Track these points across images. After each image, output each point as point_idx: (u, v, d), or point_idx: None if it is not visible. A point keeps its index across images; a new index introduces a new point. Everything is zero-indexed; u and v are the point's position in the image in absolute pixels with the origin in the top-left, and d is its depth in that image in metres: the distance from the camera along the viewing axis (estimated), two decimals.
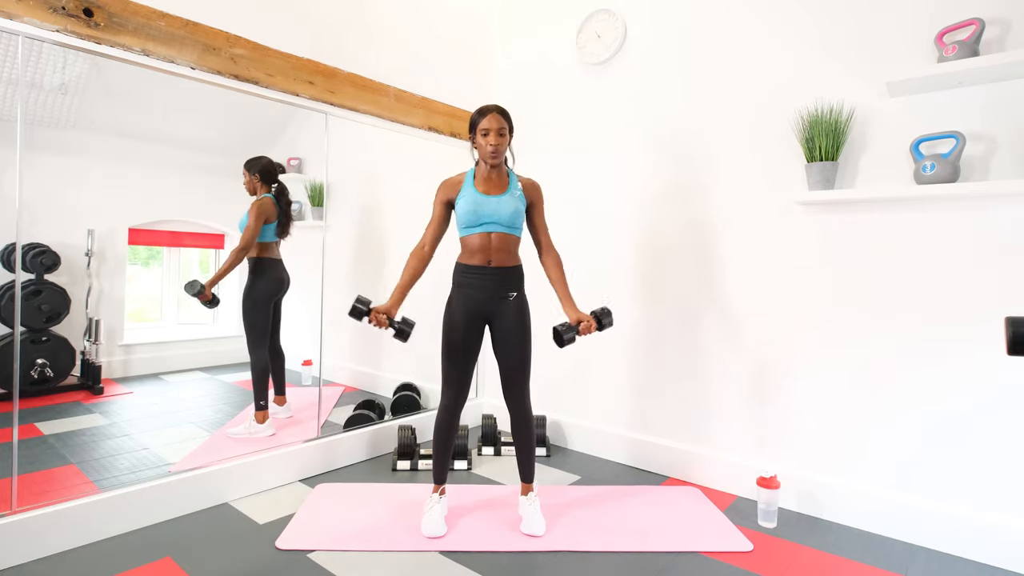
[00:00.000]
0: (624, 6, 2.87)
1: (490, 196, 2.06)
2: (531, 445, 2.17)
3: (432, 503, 2.12)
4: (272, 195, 2.61)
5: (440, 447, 2.15)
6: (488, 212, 2.04)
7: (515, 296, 2.12)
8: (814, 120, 2.19)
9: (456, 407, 2.14)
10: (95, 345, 2.30)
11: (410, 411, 3.11)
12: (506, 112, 2.07)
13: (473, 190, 2.07)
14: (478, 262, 2.07)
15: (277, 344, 2.74)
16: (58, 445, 2.15)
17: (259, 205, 2.56)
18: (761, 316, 2.44)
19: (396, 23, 2.94)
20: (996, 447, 1.94)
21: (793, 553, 1.99)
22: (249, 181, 2.58)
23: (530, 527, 2.08)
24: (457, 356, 2.09)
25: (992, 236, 1.94)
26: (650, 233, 2.78)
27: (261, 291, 2.62)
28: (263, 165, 2.60)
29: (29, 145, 1.94)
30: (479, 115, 2.05)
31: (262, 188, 2.60)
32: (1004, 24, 1.92)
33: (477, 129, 2.05)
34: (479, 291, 2.07)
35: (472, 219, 2.04)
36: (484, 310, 2.09)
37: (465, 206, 2.05)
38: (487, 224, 2.05)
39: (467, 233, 2.08)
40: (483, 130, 2.03)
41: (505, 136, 2.05)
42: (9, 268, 1.91)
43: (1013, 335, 1.09)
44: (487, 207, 2.04)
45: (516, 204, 2.08)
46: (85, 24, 1.90)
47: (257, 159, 2.60)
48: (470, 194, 2.06)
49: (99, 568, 1.80)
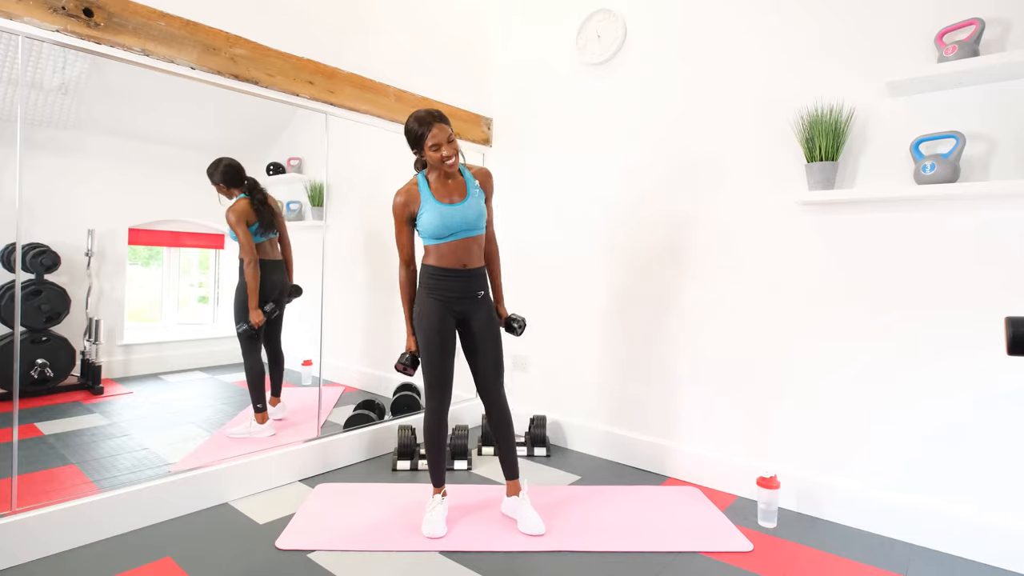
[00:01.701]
0: (624, 6, 2.87)
1: (454, 205, 2.02)
2: (514, 441, 2.20)
3: (434, 504, 2.12)
4: (245, 195, 2.50)
5: (435, 451, 2.14)
6: (456, 222, 2.01)
7: (483, 295, 2.13)
8: (814, 120, 2.19)
9: (443, 410, 2.12)
10: (95, 345, 2.30)
11: (410, 411, 3.11)
12: (444, 116, 1.98)
13: (434, 202, 2.01)
14: (451, 264, 2.04)
15: (277, 348, 2.69)
16: (58, 445, 2.15)
17: (234, 211, 2.45)
18: (761, 316, 2.44)
19: (396, 23, 2.94)
20: (996, 447, 1.94)
21: (793, 553, 1.99)
22: (218, 189, 2.46)
23: (530, 527, 2.07)
24: (440, 359, 2.07)
25: (992, 236, 1.94)
26: (650, 233, 2.78)
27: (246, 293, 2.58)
28: (221, 169, 2.44)
29: (29, 145, 1.94)
30: (420, 127, 1.94)
31: (232, 192, 2.48)
32: (1004, 24, 1.92)
33: (424, 144, 1.95)
34: (453, 292, 2.06)
35: (440, 231, 2.00)
36: (458, 311, 2.09)
37: (431, 220, 1.99)
38: (457, 233, 2.02)
39: (436, 242, 2.04)
40: (433, 144, 1.94)
41: (455, 141, 1.97)
42: (9, 268, 1.91)
43: (1013, 335, 1.09)
44: (454, 218, 2.01)
45: (479, 205, 2.07)
46: (85, 24, 1.90)
47: (215, 163, 2.43)
48: (433, 207, 2.00)
49: (99, 568, 1.80)
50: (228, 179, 2.47)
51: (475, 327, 2.12)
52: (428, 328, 2.05)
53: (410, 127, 1.98)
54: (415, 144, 2.00)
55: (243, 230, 2.47)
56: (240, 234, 2.47)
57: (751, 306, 2.47)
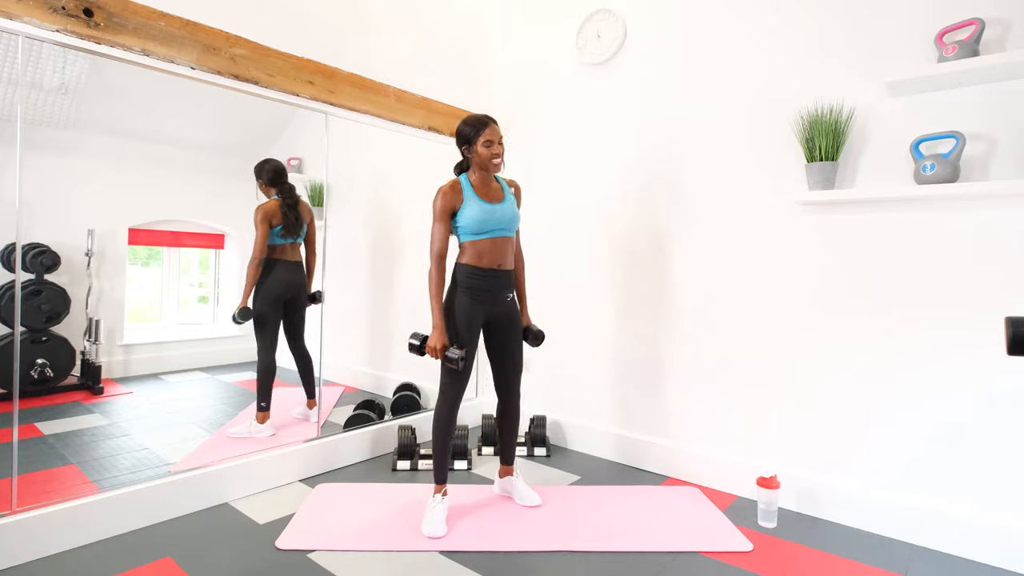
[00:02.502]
0: (624, 6, 2.87)
1: (494, 204, 2.14)
2: (517, 431, 2.39)
3: (434, 503, 2.13)
4: (278, 196, 2.60)
5: (444, 447, 2.19)
6: (496, 220, 2.13)
7: (512, 297, 2.25)
8: (814, 120, 2.19)
9: (458, 406, 2.19)
10: (95, 345, 2.30)
11: (410, 411, 3.11)
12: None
13: (477, 198, 2.12)
14: (487, 264, 2.14)
15: (301, 347, 2.74)
16: (58, 445, 2.15)
17: (261, 210, 2.55)
18: (761, 316, 2.44)
19: (396, 23, 2.94)
20: (996, 447, 1.94)
21: (793, 553, 1.99)
22: (259, 185, 2.59)
23: (527, 498, 2.29)
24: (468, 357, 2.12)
25: (992, 236, 1.94)
26: (649, 232, 2.78)
27: (265, 292, 2.59)
28: (268, 169, 2.59)
29: (29, 145, 1.94)
30: (480, 126, 2.10)
31: (270, 191, 2.60)
32: (1004, 24, 1.92)
33: (478, 140, 2.10)
34: (486, 292, 2.15)
35: (481, 227, 2.11)
36: (488, 310, 2.17)
37: (473, 216, 2.10)
38: (495, 231, 2.14)
39: (474, 239, 2.13)
40: (487, 141, 2.09)
41: (503, 144, 2.14)
42: (9, 268, 1.91)
43: (1013, 335, 1.09)
44: (494, 215, 2.13)
45: (515, 208, 2.22)
46: (85, 24, 1.90)
47: (262, 163, 2.59)
48: (475, 203, 2.11)
49: (99, 568, 1.80)
50: (271, 179, 2.59)
51: (503, 327, 2.24)
52: (459, 325, 2.12)
53: (469, 122, 2.12)
54: (468, 140, 2.12)
55: (262, 229, 2.55)
56: (257, 232, 2.54)
57: (751, 306, 2.47)
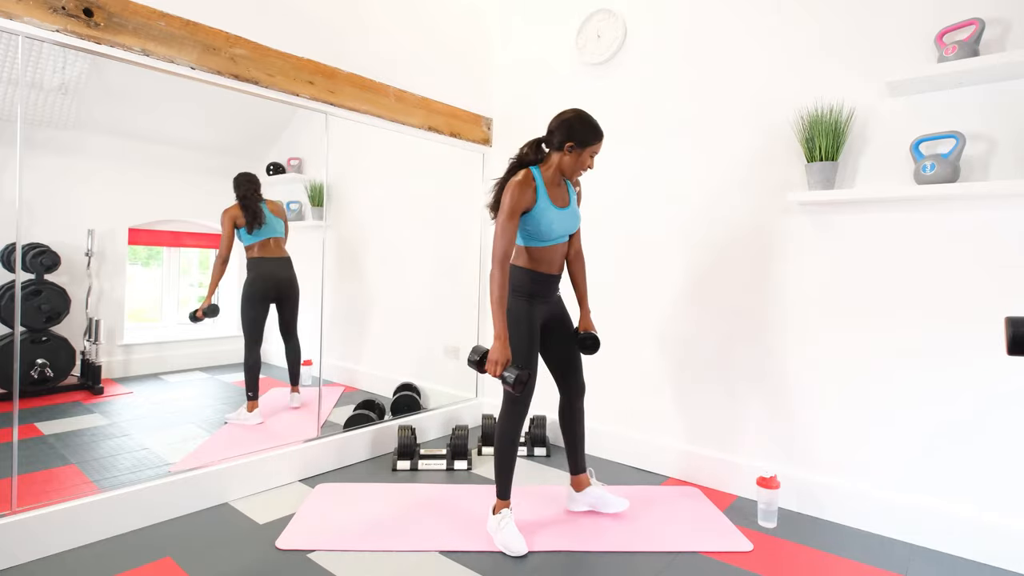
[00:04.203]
0: (624, 6, 2.87)
1: (562, 210, 2.03)
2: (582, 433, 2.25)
3: (506, 521, 2.01)
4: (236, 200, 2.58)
5: (510, 461, 2.06)
6: (565, 227, 2.04)
7: (559, 296, 2.20)
8: (814, 120, 2.19)
9: (522, 424, 2.08)
10: (95, 345, 2.30)
11: (410, 411, 3.11)
12: None
13: (550, 203, 1.99)
14: (546, 270, 2.06)
15: (292, 340, 2.77)
16: (58, 445, 2.14)
17: (224, 213, 2.56)
18: (760, 316, 2.44)
19: (396, 23, 2.94)
20: (996, 447, 1.94)
21: (793, 553, 1.99)
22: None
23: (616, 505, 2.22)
24: (534, 365, 2.04)
25: (992, 236, 1.94)
26: (648, 232, 2.78)
27: (246, 290, 2.64)
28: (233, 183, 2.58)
29: (29, 145, 1.94)
30: (599, 136, 1.97)
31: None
32: (1004, 24, 1.92)
33: (588, 148, 1.97)
34: (542, 297, 2.08)
35: (550, 234, 2.00)
36: (545, 314, 2.11)
37: (548, 222, 1.97)
38: (558, 238, 2.04)
39: (541, 245, 2.02)
40: (593, 152, 1.98)
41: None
42: (9, 268, 1.91)
43: (1013, 335, 1.09)
44: (564, 222, 2.03)
45: (578, 213, 2.13)
46: (85, 24, 1.90)
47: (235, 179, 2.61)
48: (550, 208, 1.98)
49: (99, 568, 1.80)
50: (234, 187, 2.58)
51: (561, 330, 2.17)
52: (524, 333, 2.01)
53: (590, 124, 1.97)
54: (581, 143, 1.95)
55: (225, 231, 2.57)
56: (221, 235, 2.57)
57: (750, 306, 2.47)
